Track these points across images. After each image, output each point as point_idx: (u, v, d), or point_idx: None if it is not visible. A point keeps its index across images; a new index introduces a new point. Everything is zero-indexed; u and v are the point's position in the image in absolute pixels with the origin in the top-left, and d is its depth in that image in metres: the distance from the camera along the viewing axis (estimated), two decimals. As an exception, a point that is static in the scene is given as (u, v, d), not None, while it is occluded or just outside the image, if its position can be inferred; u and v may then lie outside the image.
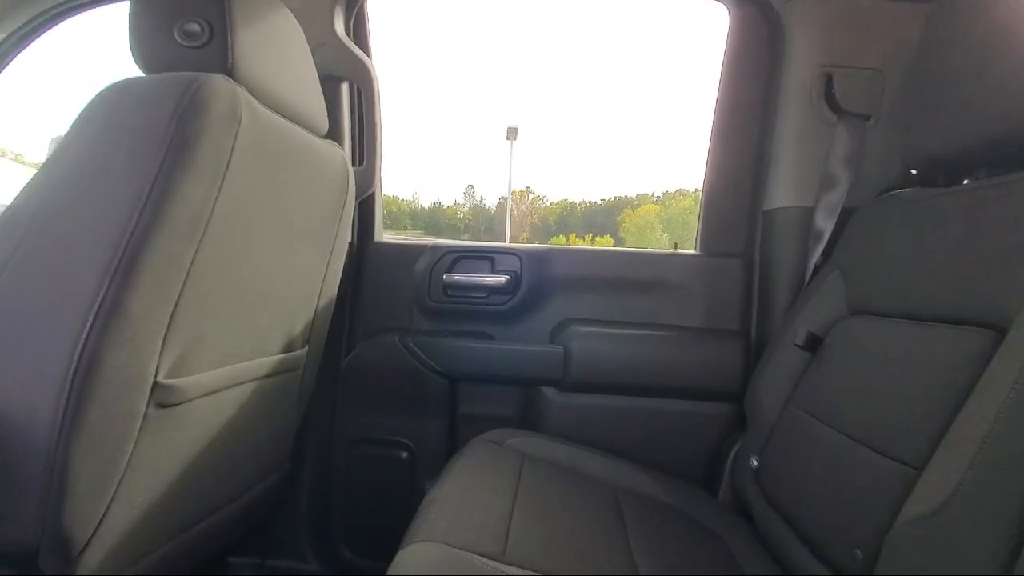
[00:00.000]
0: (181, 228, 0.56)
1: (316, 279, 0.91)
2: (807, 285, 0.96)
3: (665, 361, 1.08)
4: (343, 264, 0.98)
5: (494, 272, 1.14)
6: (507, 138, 23.79)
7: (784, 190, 1.03)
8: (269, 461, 0.94)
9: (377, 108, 1.13)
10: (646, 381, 1.07)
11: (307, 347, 0.93)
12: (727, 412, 1.05)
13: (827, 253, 0.94)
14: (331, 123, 0.93)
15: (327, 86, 0.94)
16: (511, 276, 1.13)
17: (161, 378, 0.60)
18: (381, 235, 1.23)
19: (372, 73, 1.10)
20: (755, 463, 0.87)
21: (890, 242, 0.77)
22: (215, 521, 0.81)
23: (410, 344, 1.11)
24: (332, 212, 0.90)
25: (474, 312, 1.15)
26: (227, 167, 0.60)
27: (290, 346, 0.87)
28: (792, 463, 0.78)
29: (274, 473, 0.97)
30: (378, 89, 1.12)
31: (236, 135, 0.60)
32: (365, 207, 1.17)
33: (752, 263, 1.10)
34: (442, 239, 1.54)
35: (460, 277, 1.14)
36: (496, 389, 1.14)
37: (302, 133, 0.78)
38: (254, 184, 0.66)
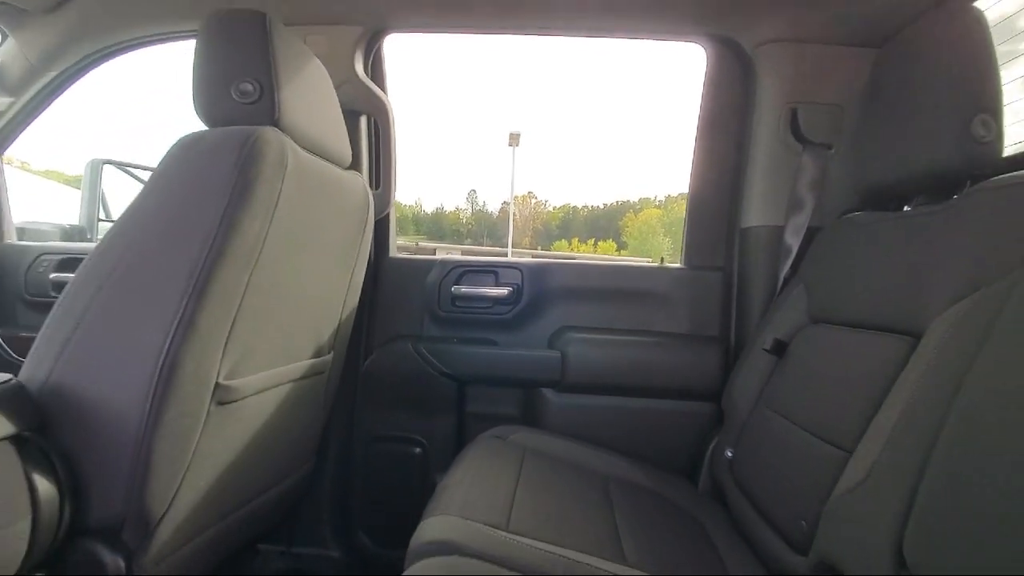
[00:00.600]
0: (240, 258, 0.68)
1: (341, 292, 1.03)
2: (777, 296, 1.07)
3: (652, 364, 1.19)
4: (363, 278, 1.10)
5: (498, 284, 1.26)
6: (509, 144, 23.97)
7: (758, 211, 1.15)
8: (299, 455, 1.06)
9: (392, 138, 1.25)
10: (635, 382, 1.19)
11: (332, 353, 1.05)
12: (707, 410, 1.16)
13: (794, 268, 1.06)
14: (352, 151, 1.05)
15: (348, 119, 1.06)
16: (513, 288, 1.25)
17: (221, 380, 0.72)
18: (395, 251, 1.35)
19: (388, 107, 1.23)
20: (729, 455, 0.98)
21: (844, 259, 0.89)
22: (253, 508, 0.92)
23: (422, 350, 1.23)
24: (355, 233, 1.02)
25: (480, 321, 1.27)
26: (276, 205, 0.72)
27: (319, 352, 0.99)
28: (758, 454, 0.90)
29: (303, 466, 1.08)
30: (393, 121, 1.24)
31: (283, 178, 0.72)
32: (380, 226, 1.29)
33: (730, 276, 1.22)
34: (451, 255, 1.66)
35: (467, 289, 1.26)
36: (500, 390, 1.25)
37: (332, 168, 0.90)
38: (295, 216, 0.78)
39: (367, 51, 1.22)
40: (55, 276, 1.30)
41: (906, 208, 0.86)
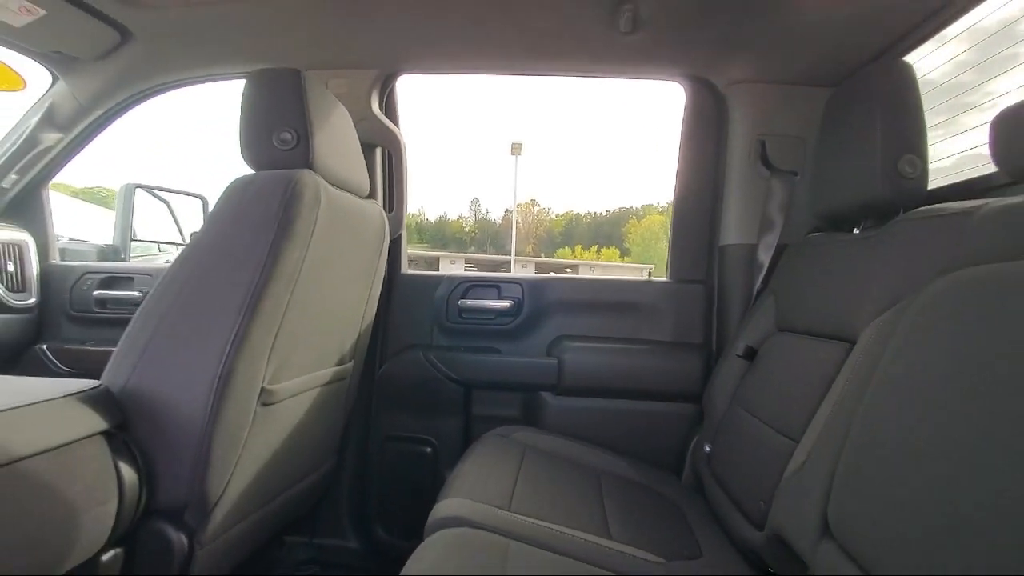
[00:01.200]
0: (284, 280, 0.82)
1: (361, 307, 1.16)
2: (751, 307, 1.19)
3: (641, 370, 1.31)
4: (379, 293, 1.23)
5: (500, 298, 1.39)
6: (511, 153, 24.23)
7: (734, 230, 1.28)
8: (323, 453, 1.18)
9: (404, 167, 1.39)
10: (625, 386, 1.31)
11: (353, 360, 1.17)
12: (691, 410, 1.28)
13: (766, 281, 1.18)
14: (368, 177, 1.18)
15: (366, 151, 1.20)
16: (514, 301, 1.38)
17: (266, 384, 0.84)
18: (407, 267, 1.48)
19: (400, 140, 1.37)
20: (708, 449, 1.10)
21: (805, 274, 1.01)
22: (285, 499, 1.05)
23: (432, 357, 1.36)
24: (373, 254, 1.15)
25: (484, 331, 1.40)
26: (312, 235, 0.85)
27: (342, 360, 1.12)
28: (730, 447, 1.02)
29: (326, 463, 1.21)
30: (405, 152, 1.38)
31: (318, 213, 0.86)
32: (393, 245, 1.42)
33: (711, 288, 1.34)
34: (456, 268, 1.79)
35: (472, 302, 1.39)
36: (503, 394, 1.38)
37: (355, 200, 1.04)
38: (325, 243, 0.92)
39: (382, 91, 1.36)
40: (98, 293, 1.44)
41: (855, 231, 0.99)
